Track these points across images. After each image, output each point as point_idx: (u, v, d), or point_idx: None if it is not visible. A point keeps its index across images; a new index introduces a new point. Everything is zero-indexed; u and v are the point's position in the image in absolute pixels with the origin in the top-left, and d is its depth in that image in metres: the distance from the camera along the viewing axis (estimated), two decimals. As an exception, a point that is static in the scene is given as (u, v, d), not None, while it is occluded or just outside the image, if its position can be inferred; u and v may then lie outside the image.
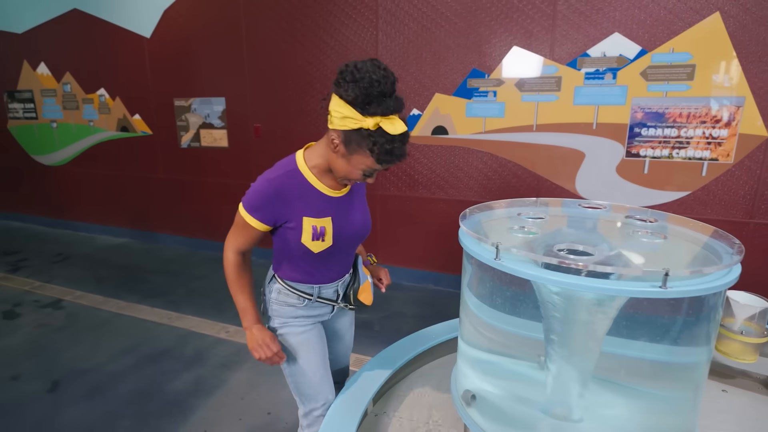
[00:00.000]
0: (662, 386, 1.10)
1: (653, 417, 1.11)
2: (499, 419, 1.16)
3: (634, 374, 1.14)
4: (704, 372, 1.03)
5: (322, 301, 1.41)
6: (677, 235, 1.17)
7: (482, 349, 1.24)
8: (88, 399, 2.30)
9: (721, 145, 2.73)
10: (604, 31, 2.84)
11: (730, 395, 1.44)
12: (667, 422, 1.08)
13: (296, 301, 1.38)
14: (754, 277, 2.73)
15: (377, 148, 1.11)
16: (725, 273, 0.91)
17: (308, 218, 1.27)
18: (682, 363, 1.05)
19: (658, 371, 1.08)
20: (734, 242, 1.01)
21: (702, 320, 0.96)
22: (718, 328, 1.05)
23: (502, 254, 0.97)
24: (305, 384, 1.40)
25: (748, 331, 1.49)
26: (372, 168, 1.18)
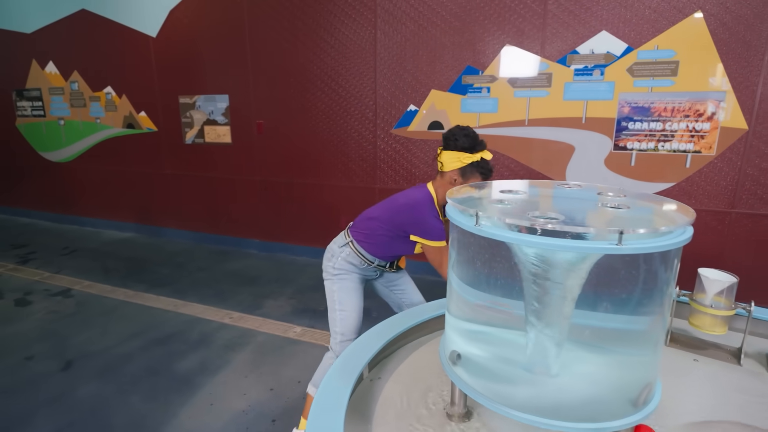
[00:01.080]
0: (625, 344, 1.22)
1: (619, 370, 1.23)
2: (483, 376, 1.28)
3: (601, 335, 1.26)
4: (662, 327, 1.15)
5: (377, 267, 1.95)
6: (641, 207, 1.29)
7: (466, 317, 1.36)
8: (100, 377, 2.43)
9: (704, 138, 2.85)
10: (592, 30, 2.97)
11: (701, 364, 1.55)
12: (632, 375, 1.20)
13: (358, 262, 1.90)
14: (736, 262, 2.87)
15: (483, 170, 1.77)
16: (677, 234, 1.03)
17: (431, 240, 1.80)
18: (642, 319, 1.17)
19: (621, 330, 1.20)
20: (689, 211, 1.14)
21: (657, 278, 1.08)
22: (673, 287, 1.17)
23: (482, 220, 1.09)
24: (350, 320, 1.87)
25: (718, 305, 1.61)
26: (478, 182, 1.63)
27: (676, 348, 1.67)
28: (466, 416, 1.30)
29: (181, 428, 2.03)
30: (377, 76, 3.66)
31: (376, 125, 3.76)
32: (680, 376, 1.45)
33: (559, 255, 1.12)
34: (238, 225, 4.65)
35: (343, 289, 1.89)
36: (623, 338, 1.24)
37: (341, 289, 1.88)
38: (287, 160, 4.22)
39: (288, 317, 3.12)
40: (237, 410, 2.15)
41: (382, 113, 3.73)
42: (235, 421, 2.07)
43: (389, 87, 3.65)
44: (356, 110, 3.81)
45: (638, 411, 1.09)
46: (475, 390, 1.18)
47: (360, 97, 3.77)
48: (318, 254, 4.30)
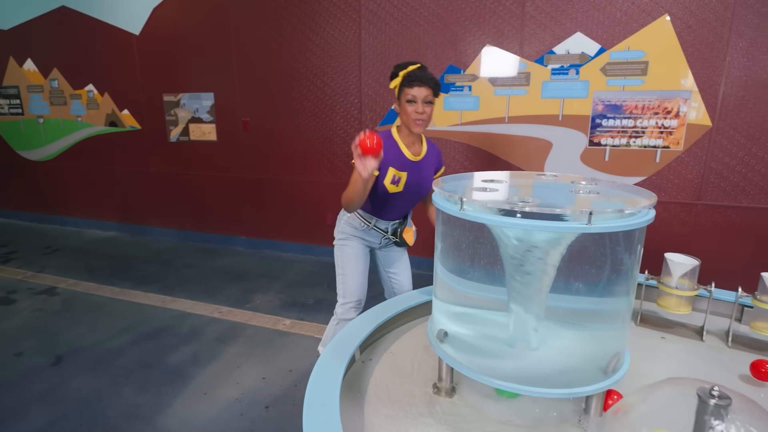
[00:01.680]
0: (595, 320, 1.34)
1: (591, 343, 1.35)
2: (468, 351, 1.38)
3: (574, 313, 1.37)
4: (628, 303, 1.27)
5: (376, 230, 2.00)
6: (609, 193, 1.41)
7: (452, 300, 1.46)
8: (91, 370, 2.45)
9: (672, 134, 3.02)
10: (568, 31, 3.11)
11: (667, 341, 1.69)
12: (602, 347, 1.32)
13: (359, 224, 1.97)
14: (702, 249, 3.04)
15: (405, 79, 1.77)
16: (640, 215, 1.15)
17: (392, 168, 1.84)
18: (610, 297, 1.29)
19: (592, 308, 1.32)
20: (651, 195, 1.26)
21: (624, 254, 1.20)
22: (638, 264, 1.28)
23: (466, 205, 1.19)
24: (351, 283, 1.98)
25: (682, 286, 1.75)
26: (408, 93, 1.76)
27: (646, 327, 1.81)
28: (452, 391, 1.40)
29: (176, 417, 2.09)
30: (362, 75, 3.74)
31: (362, 122, 3.85)
32: (649, 351, 1.58)
33: (537, 236, 1.23)
34: (224, 222, 4.67)
35: (344, 254, 1.99)
36: (593, 315, 1.36)
37: (342, 254, 1.99)
38: (273, 157, 4.27)
39: (277, 311, 3.18)
40: (230, 398, 2.21)
41: (367, 111, 3.81)
42: (229, 409, 2.13)
43: (374, 85, 3.73)
44: (342, 108, 3.89)
45: (608, 378, 1.20)
46: (461, 364, 1.29)
47: (345, 95, 3.85)
48: (305, 250, 4.38)
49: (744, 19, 2.74)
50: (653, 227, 3.23)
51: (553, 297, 1.32)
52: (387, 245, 2.10)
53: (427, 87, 1.78)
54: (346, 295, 1.99)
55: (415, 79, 1.76)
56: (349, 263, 1.99)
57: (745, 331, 1.64)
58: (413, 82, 1.76)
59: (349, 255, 1.99)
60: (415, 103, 1.78)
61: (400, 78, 1.80)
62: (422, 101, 1.78)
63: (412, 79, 1.76)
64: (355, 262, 1.99)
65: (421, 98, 1.77)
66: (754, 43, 2.76)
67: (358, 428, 1.23)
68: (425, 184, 1.97)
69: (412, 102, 1.78)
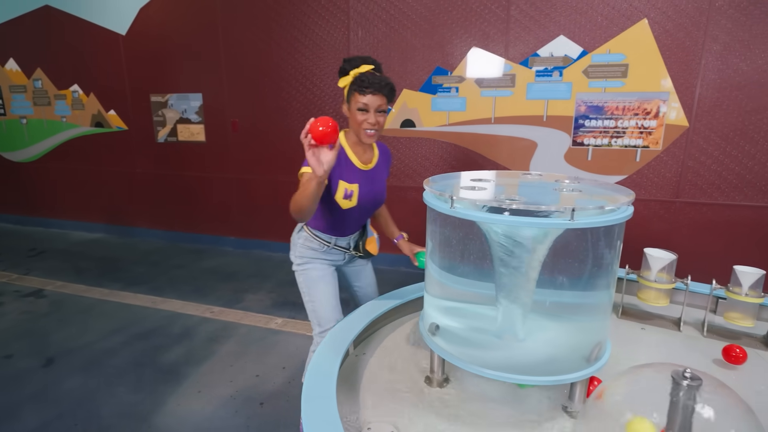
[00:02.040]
0: (578, 312, 1.41)
1: (574, 334, 1.42)
2: (459, 343, 1.44)
3: (559, 305, 1.45)
4: (608, 296, 1.34)
5: (338, 248, 1.82)
6: (591, 191, 1.49)
7: (443, 295, 1.52)
8: (84, 371, 2.46)
9: (651, 134, 3.13)
10: (551, 34, 3.20)
11: (647, 332, 1.78)
12: (584, 337, 1.39)
13: (318, 246, 1.79)
14: (680, 245, 3.16)
15: (356, 84, 1.56)
16: (620, 211, 1.22)
17: (343, 182, 1.65)
18: (591, 290, 1.36)
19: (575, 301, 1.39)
20: (630, 193, 1.33)
21: (605, 249, 1.27)
22: (618, 258, 1.36)
23: (456, 203, 1.25)
24: (322, 309, 1.79)
25: (661, 280, 1.84)
26: (360, 101, 1.56)
27: (627, 319, 1.90)
28: (444, 382, 1.46)
29: (171, 415, 2.11)
30: (351, 76, 3.79)
31: (350, 123, 3.89)
32: (630, 342, 1.67)
33: (524, 232, 1.29)
34: (214, 223, 4.67)
35: (309, 279, 1.80)
36: (577, 307, 1.43)
37: (306, 280, 1.81)
38: (263, 157, 4.29)
39: (269, 310, 3.21)
40: (225, 396, 2.24)
41: (356, 112, 3.85)
42: (224, 406, 2.16)
43: (362, 86, 3.78)
44: (331, 109, 3.93)
45: (591, 365, 1.28)
46: (452, 355, 1.35)
47: (334, 96, 3.89)
48: (294, 250, 4.39)
49: (718, 24, 2.86)
50: (634, 224, 3.34)
51: (538, 291, 1.39)
52: (351, 260, 1.93)
53: (381, 95, 1.57)
54: (321, 323, 1.81)
55: (368, 86, 1.54)
56: (316, 288, 1.80)
57: (720, 322, 1.74)
58: (366, 88, 1.54)
59: (314, 279, 1.80)
60: (367, 113, 1.58)
61: (351, 78, 1.59)
62: (375, 110, 1.58)
63: (364, 84, 1.54)
64: (323, 286, 1.80)
65: (374, 107, 1.57)
66: (727, 47, 2.88)
67: (355, 418, 1.28)
68: (380, 193, 1.80)
69: (363, 111, 1.57)
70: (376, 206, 1.82)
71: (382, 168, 1.81)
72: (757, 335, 1.67)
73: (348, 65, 1.60)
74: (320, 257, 1.81)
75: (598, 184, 1.60)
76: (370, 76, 1.55)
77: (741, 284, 1.66)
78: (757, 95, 2.88)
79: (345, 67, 1.61)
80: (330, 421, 1.14)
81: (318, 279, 1.80)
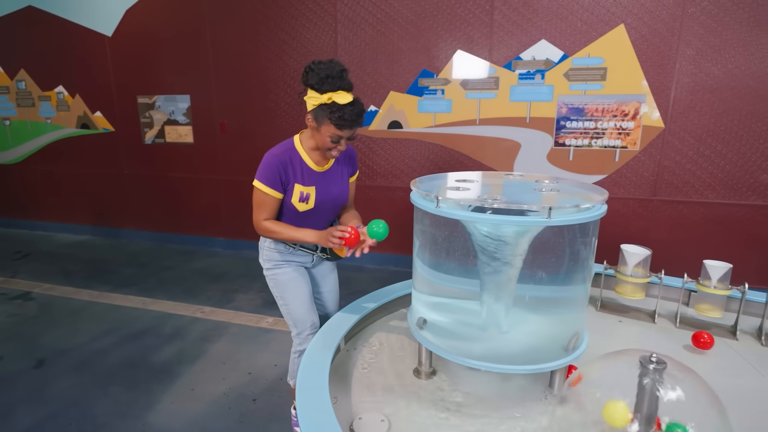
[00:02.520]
0: (557, 305, 1.50)
1: (553, 325, 1.51)
2: (445, 337, 1.51)
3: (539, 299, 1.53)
4: (584, 289, 1.43)
5: (303, 250, 1.81)
6: (568, 191, 1.58)
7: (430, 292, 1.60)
8: (76, 372, 2.47)
9: (629, 135, 3.26)
10: (533, 38, 3.31)
11: (624, 324, 1.88)
12: (563, 328, 1.47)
13: (283, 248, 1.78)
14: (658, 241, 3.28)
15: (333, 116, 1.50)
16: (594, 210, 1.31)
17: (298, 185, 1.66)
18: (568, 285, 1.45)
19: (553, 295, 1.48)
20: (604, 193, 1.42)
21: (581, 245, 1.36)
22: (593, 253, 1.45)
23: (441, 203, 1.32)
24: (296, 311, 1.79)
25: (636, 274, 1.94)
26: (336, 134, 1.55)
27: (605, 312, 2.00)
28: (432, 374, 1.54)
29: (166, 413, 2.15)
30: (338, 78, 3.84)
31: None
32: (607, 333, 1.77)
33: (505, 229, 1.37)
34: (202, 224, 4.68)
35: (280, 283, 1.80)
36: (555, 300, 1.52)
37: (277, 284, 1.81)
38: (251, 159, 4.30)
39: (259, 309, 3.25)
40: (218, 393, 2.28)
41: (344, 113, 3.91)
42: (217, 403, 2.20)
43: (350, 88, 3.84)
44: (319, 110, 3.98)
45: (569, 355, 1.36)
46: (440, 347, 1.42)
47: (322, 98, 3.94)
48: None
49: (691, 30, 2.99)
50: (613, 221, 3.47)
51: (520, 285, 1.48)
52: (319, 262, 1.92)
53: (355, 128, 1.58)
54: (297, 325, 1.83)
55: (345, 125, 1.52)
56: (288, 291, 1.80)
57: (692, 313, 1.84)
58: (343, 126, 1.52)
59: (285, 282, 1.79)
60: (339, 143, 1.60)
61: (325, 100, 1.51)
62: (347, 139, 1.60)
63: (343, 122, 1.51)
64: (295, 288, 1.80)
65: (345, 137, 1.58)
66: (700, 52, 3.01)
67: (347, 409, 1.35)
68: (340, 194, 1.78)
69: (337, 141, 1.58)
70: (337, 207, 1.81)
71: (342, 168, 1.79)
72: (725, 325, 1.78)
73: (323, 83, 1.50)
74: (288, 259, 1.80)
75: (575, 184, 1.69)
76: (349, 113, 1.50)
77: (710, 277, 1.76)
78: (727, 98, 3.01)
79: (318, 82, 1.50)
80: (323, 412, 1.20)
81: (289, 281, 1.79)
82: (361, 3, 3.64)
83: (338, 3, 3.69)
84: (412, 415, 1.30)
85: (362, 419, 1.31)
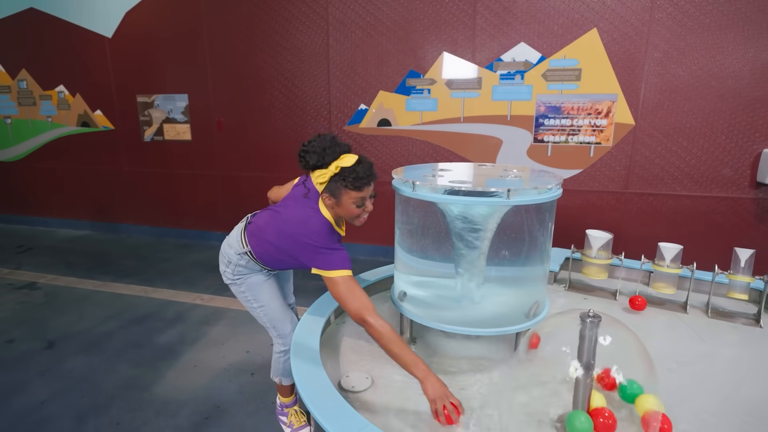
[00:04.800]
0: (521, 276, 1.71)
1: (520, 295, 1.72)
2: (424, 307, 1.72)
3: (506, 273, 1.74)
4: (544, 262, 1.64)
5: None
6: (531, 178, 1.79)
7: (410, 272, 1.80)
8: (85, 351, 2.65)
9: (603, 132, 3.48)
10: (513, 41, 3.52)
11: (589, 302, 2.09)
12: (529, 297, 1.68)
13: (259, 268, 1.82)
14: (630, 230, 3.50)
15: (348, 180, 1.45)
16: (548, 191, 1.51)
17: None
18: (533, 255, 1.66)
19: (519, 265, 1.69)
20: (560, 178, 1.63)
21: (538, 225, 1.57)
22: (551, 233, 1.65)
23: (417, 187, 1.53)
24: (274, 311, 1.85)
25: (600, 256, 2.15)
26: (358, 197, 1.49)
27: (573, 292, 2.21)
28: (412, 341, 1.74)
29: (170, 386, 2.33)
30: (330, 78, 4.04)
31: (331, 122, 4.15)
32: (573, 310, 1.97)
33: (474, 210, 1.58)
34: (200, 218, 4.86)
35: (251, 286, 1.80)
36: (518, 273, 1.73)
37: (249, 288, 1.80)
38: (247, 155, 4.50)
39: (255, 296, 3.43)
40: (219, 368, 2.47)
41: (336, 112, 4.11)
42: (218, 377, 2.39)
43: (341, 88, 4.04)
44: (312, 109, 4.17)
45: (529, 320, 1.57)
46: (419, 316, 1.62)
47: (315, 97, 4.14)
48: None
49: (658, 34, 3.22)
50: (589, 212, 3.68)
51: (489, 262, 1.68)
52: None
53: (373, 183, 1.53)
54: (277, 326, 1.87)
55: (363, 184, 1.47)
56: (263, 293, 1.82)
57: (650, 291, 2.05)
58: (362, 186, 1.47)
59: (256, 284, 1.80)
60: (364, 205, 1.54)
61: (333, 172, 1.46)
62: (370, 196, 1.55)
63: (360, 183, 1.46)
64: (267, 288, 1.83)
65: (369, 195, 1.53)
66: (666, 55, 3.23)
67: (336, 369, 1.55)
68: None
69: (361, 204, 1.52)
70: None
71: None
72: (677, 302, 2.00)
73: (325, 156, 1.47)
74: (257, 270, 1.81)
75: (538, 173, 1.91)
76: (362, 170, 1.46)
77: (664, 258, 1.98)
78: (692, 97, 3.24)
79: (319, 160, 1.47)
80: (315, 372, 1.40)
81: (260, 283, 1.80)
82: (351, 6, 3.83)
83: (330, 6, 3.89)
84: (393, 375, 1.50)
85: (349, 377, 1.52)
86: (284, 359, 1.96)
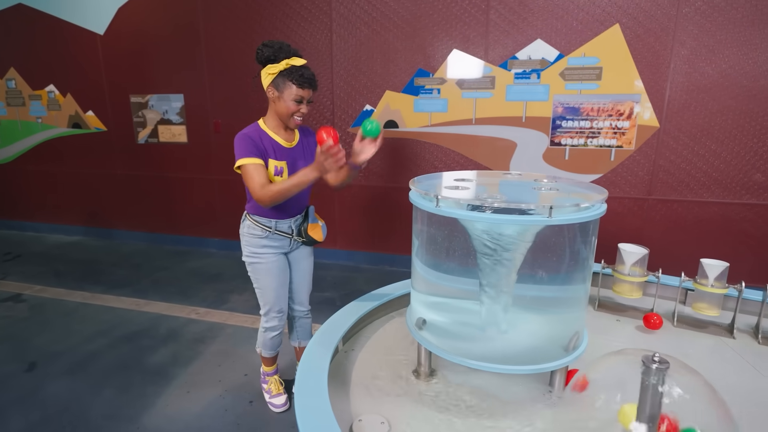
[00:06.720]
0: (557, 305, 1.49)
1: (553, 325, 1.50)
2: (445, 337, 1.50)
3: (538, 299, 1.53)
4: (584, 289, 1.42)
5: (280, 234, 1.93)
6: (567, 189, 1.57)
7: (429, 291, 1.59)
8: (69, 374, 2.44)
9: (625, 135, 3.27)
10: (529, 38, 3.31)
11: (621, 323, 1.88)
12: (562, 328, 1.47)
13: (260, 232, 1.91)
14: (652, 240, 3.30)
15: (294, 76, 1.70)
16: (594, 208, 1.30)
17: (272, 159, 1.80)
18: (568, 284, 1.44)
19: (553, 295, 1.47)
20: (603, 192, 1.42)
21: (581, 245, 1.35)
22: (593, 253, 1.44)
23: (441, 202, 1.31)
24: (268, 296, 1.99)
25: (634, 273, 1.94)
26: (298, 94, 1.73)
27: (603, 312, 1.99)
28: (431, 375, 1.53)
29: (160, 416, 2.12)
30: (334, 78, 3.83)
31: (334, 124, 3.93)
32: (605, 333, 1.76)
33: (505, 229, 1.36)
34: (196, 224, 4.64)
35: (256, 269, 1.96)
36: (555, 300, 1.51)
37: (254, 270, 1.96)
38: (246, 158, 4.28)
39: (254, 310, 3.22)
40: (214, 395, 2.25)
41: (339, 113, 3.90)
42: (213, 405, 2.18)
43: (345, 88, 3.83)
44: (314, 110, 3.96)
45: (569, 355, 1.35)
46: (439, 348, 1.41)
47: (318, 97, 3.92)
48: (279, 250, 4.40)
49: (685, 29, 3.01)
50: (609, 220, 3.47)
51: (519, 285, 1.47)
52: (297, 247, 2.04)
53: (313, 89, 1.76)
54: (265, 306, 2.02)
55: (307, 82, 1.72)
56: (264, 278, 1.96)
57: (689, 312, 1.84)
58: (304, 84, 1.72)
59: (261, 269, 1.95)
60: (302, 104, 1.77)
61: (283, 67, 1.71)
62: (306, 101, 1.77)
63: (304, 80, 1.71)
64: (271, 278, 1.96)
65: (306, 98, 1.76)
66: (694, 52, 3.02)
67: (346, 411, 1.33)
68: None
69: (299, 102, 1.76)
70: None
71: (307, 144, 1.94)
72: (722, 324, 1.79)
73: (278, 53, 1.70)
74: (266, 244, 1.92)
75: (574, 183, 1.69)
76: (307, 72, 1.72)
77: (707, 276, 1.77)
78: (721, 97, 3.03)
79: (273, 54, 1.70)
80: (323, 414, 1.18)
81: (266, 271, 1.95)
82: (356, 2, 3.62)
83: (333, 2, 3.67)
84: (413, 416, 1.29)
85: (362, 421, 1.30)
86: (267, 335, 2.10)
